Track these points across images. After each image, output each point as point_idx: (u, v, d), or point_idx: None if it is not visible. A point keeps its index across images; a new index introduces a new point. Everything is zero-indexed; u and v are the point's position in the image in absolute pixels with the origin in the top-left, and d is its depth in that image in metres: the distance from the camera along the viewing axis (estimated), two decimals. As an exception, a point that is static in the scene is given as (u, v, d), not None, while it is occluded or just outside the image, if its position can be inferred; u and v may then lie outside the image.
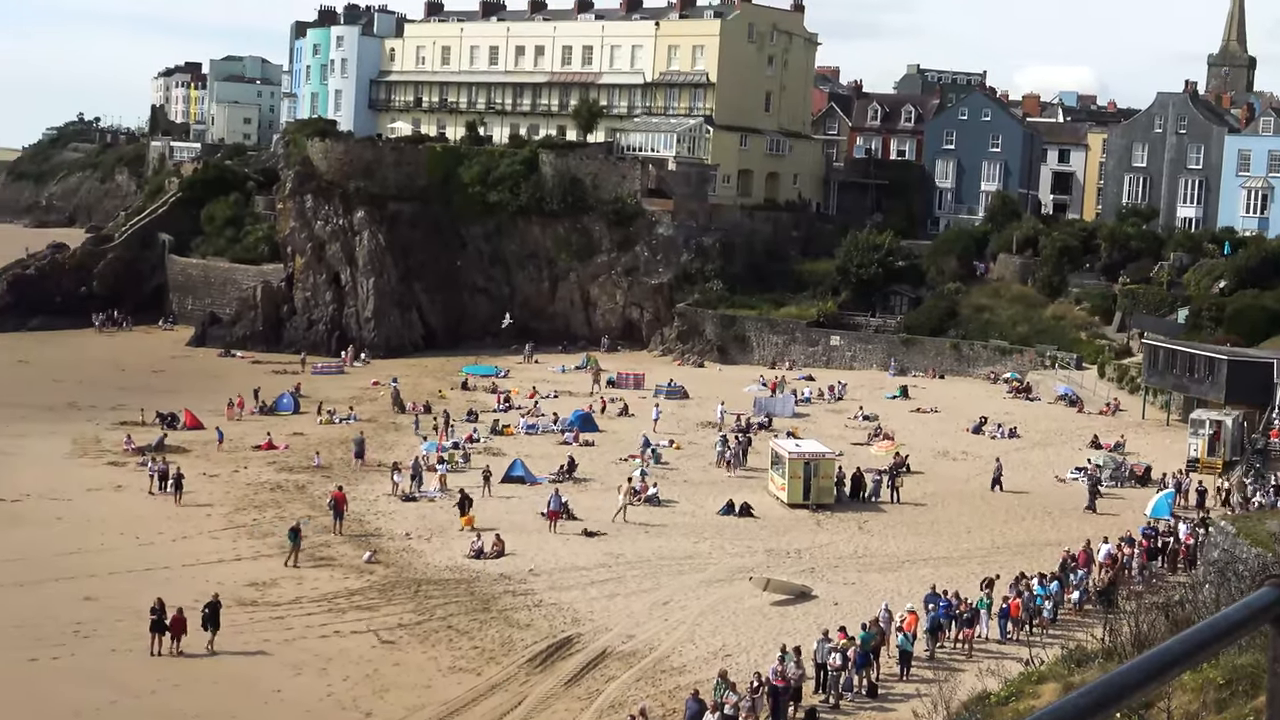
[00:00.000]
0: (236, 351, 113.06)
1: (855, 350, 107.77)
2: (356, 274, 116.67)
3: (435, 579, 52.22)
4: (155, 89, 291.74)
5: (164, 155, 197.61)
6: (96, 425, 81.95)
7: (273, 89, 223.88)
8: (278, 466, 71.77)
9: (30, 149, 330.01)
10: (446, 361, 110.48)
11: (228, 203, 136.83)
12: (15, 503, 62.84)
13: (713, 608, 48.87)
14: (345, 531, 57.99)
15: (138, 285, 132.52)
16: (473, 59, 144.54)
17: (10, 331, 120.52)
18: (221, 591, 48.91)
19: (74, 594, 49.47)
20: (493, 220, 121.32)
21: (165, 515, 61.21)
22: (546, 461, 72.85)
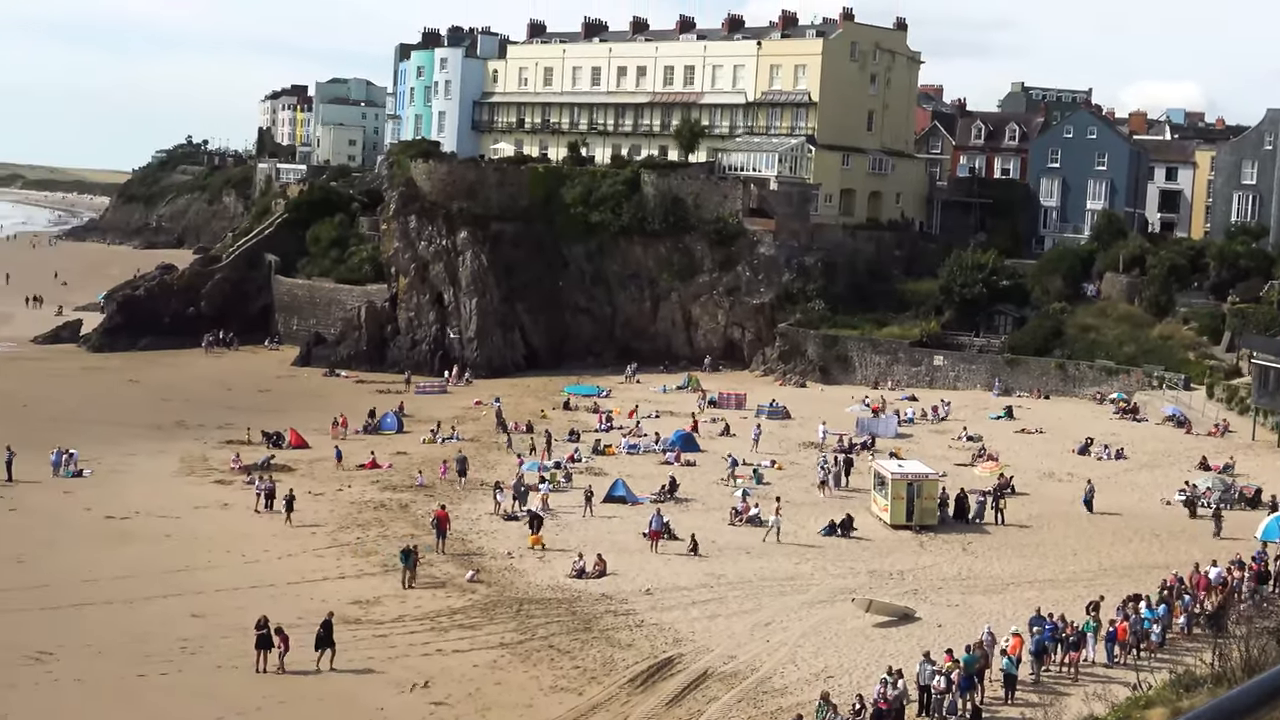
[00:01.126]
0: (341, 371, 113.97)
1: (959, 370, 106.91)
2: (459, 294, 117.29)
3: (537, 598, 52.30)
4: (262, 112, 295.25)
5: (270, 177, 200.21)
6: (204, 444, 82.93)
7: (377, 111, 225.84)
8: (381, 485, 72.23)
9: (140, 172, 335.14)
10: (548, 381, 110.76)
11: (333, 224, 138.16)
12: (125, 520, 63.70)
13: (815, 629, 48.58)
14: (448, 550, 58.21)
15: (244, 306, 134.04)
16: (575, 80, 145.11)
17: (120, 351, 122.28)
18: (324, 610, 49.30)
19: (181, 610, 50.04)
20: (595, 240, 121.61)
21: (271, 533, 61.79)
22: (648, 481, 72.84)
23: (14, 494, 68.31)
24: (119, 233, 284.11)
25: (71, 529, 62.20)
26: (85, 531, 61.82)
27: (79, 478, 72.35)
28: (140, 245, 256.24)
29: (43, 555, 57.34)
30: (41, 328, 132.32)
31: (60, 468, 72.95)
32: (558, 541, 60.46)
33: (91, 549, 58.68)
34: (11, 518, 64.09)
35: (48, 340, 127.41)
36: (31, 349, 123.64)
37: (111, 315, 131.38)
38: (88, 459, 75.04)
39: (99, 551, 58.26)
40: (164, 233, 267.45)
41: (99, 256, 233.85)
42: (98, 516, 64.28)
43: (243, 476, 72.44)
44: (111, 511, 65.01)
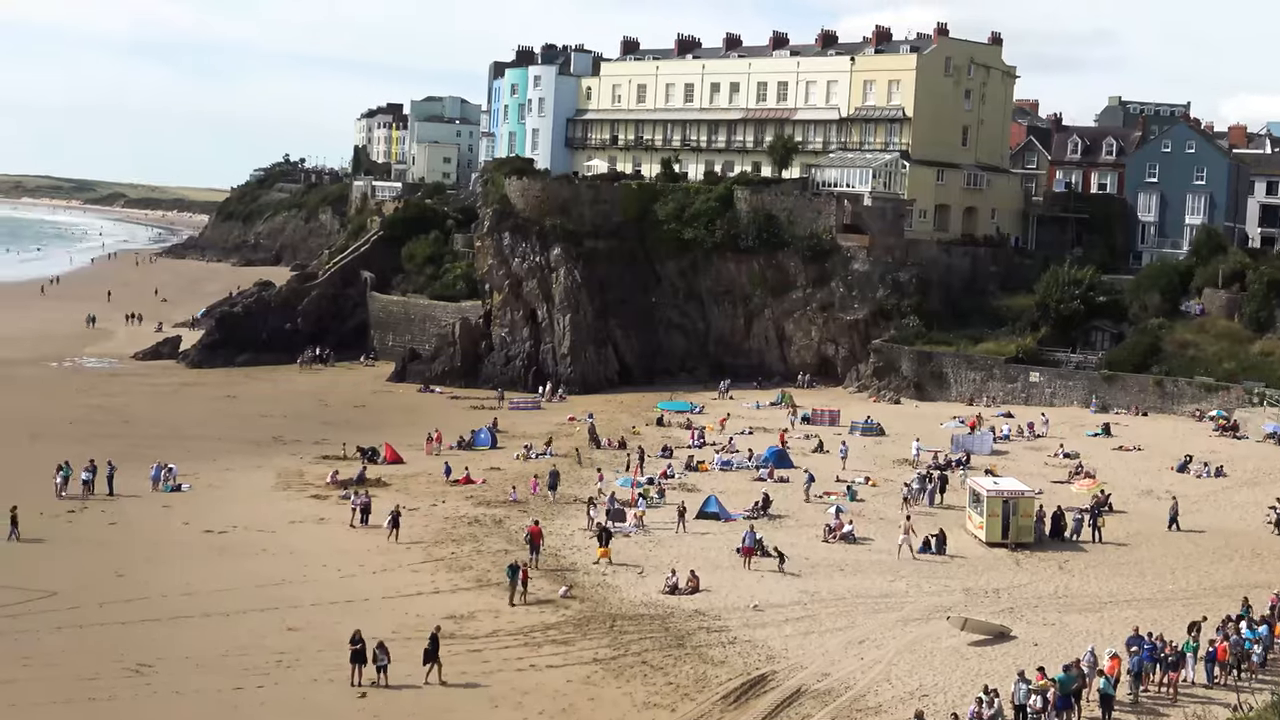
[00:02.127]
0: (435, 387, 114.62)
1: (1055, 387, 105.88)
2: (553, 310, 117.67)
3: (630, 614, 52.29)
4: (358, 130, 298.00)
5: (366, 194, 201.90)
6: (300, 459, 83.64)
7: (471, 128, 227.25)
8: (475, 501, 72.51)
9: (238, 190, 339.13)
10: (642, 397, 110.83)
11: (427, 241, 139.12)
12: (223, 534, 64.35)
13: (909, 647, 48.26)
14: (541, 566, 58.33)
15: (340, 322, 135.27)
16: (668, 96, 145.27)
17: (219, 367, 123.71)
18: (420, 625, 49.60)
19: (278, 624, 50.46)
20: (688, 257, 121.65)
21: (366, 547, 62.19)
22: (741, 498, 72.69)
23: (115, 508, 69.20)
24: (217, 250, 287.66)
25: (170, 543, 62.92)
26: (184, 545, 62.50)
27: (178, 492, 73.20)
28: (238, 262, 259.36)
29: (142, 569, 58.03)
30: (142, 344, 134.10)
31: (160, 482, 73.85)
32: (651, 558, 60.50)
33: (190, 563, 59.31)
34: (112, 531, 64.92)
35: (148, 356, 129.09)
36: (132, 365, 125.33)
37: (210, 331, 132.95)
38: (186, 473, 75.91)
39: (197, 565, 58.88)
40: (262, 250, 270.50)
41: (198, 273, 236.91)
42: (196, 530, 64.99)
43: (338, 491, 72.97)
44: (209, 526, 65.71)
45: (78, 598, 53.08)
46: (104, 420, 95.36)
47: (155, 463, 75.66)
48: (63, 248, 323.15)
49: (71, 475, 71.78)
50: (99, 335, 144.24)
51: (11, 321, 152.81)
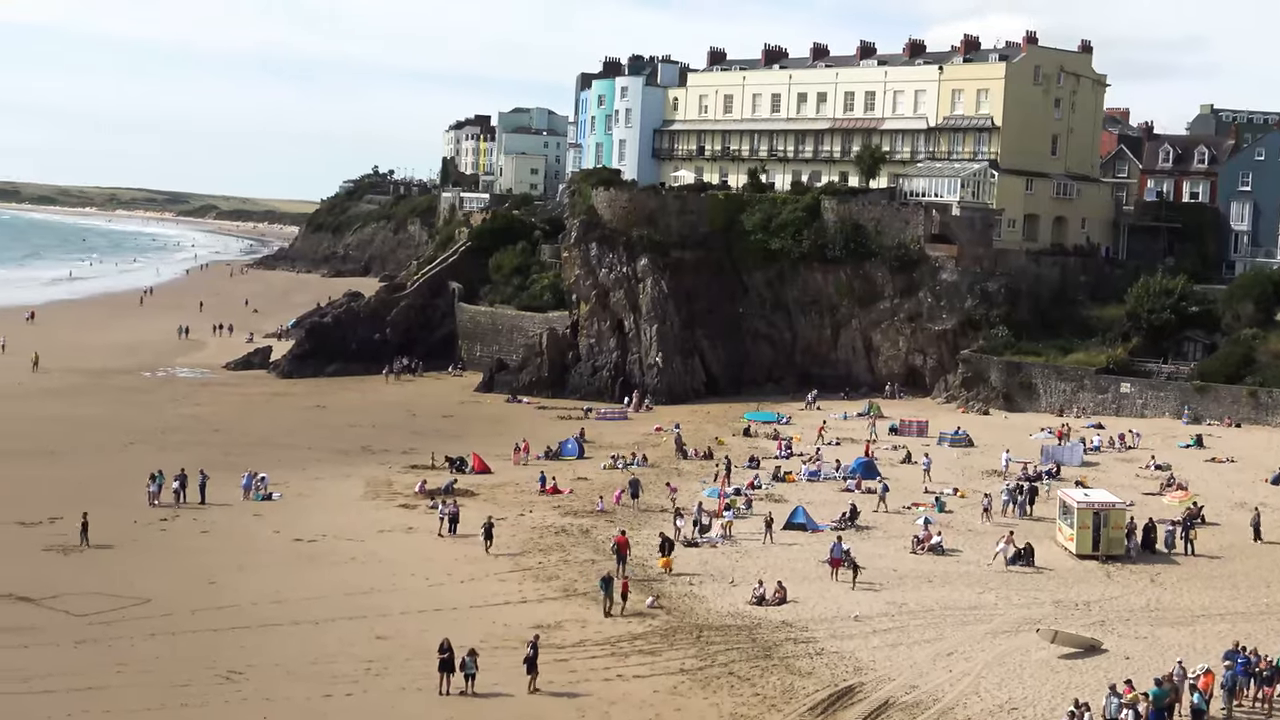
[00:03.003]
0: (522, 397, 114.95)
1: (1146, 398, 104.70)
2: (640, 321, 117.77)
3: (717, 625, 52.24)
4: (446, 142, 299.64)
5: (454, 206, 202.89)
6: (388, 468, 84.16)
7: (559, 140, 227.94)
8: (562, 511, 72.69)
9: (328, 201, 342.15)
10: (729, 408, 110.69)
11: (515, 251, 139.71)
12: (312, 543, 64.87)
13: (999, 659, 47.92)
14: (628, 576, 58.37)
15: (429, 332, 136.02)
16: (755, 107, 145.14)
17: (309, 377, 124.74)
18: (507, 634, 49.81)
19: (366, 633, 50.80)
20: (775, 267, 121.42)
21: (454, 557, 62.48)
22: (828, 509, 72.50)
23: (206, 516, 69.95)
24: (307, 261, 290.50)
25: (261, 551, 63.51)
26: (274, 554, 63.08)
27: (268, 501, 73.85)
28: (328, 273, 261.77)
29: (233, 576, 58.61)
30: (233, 354, 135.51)
31: (250, 491, 74.56)
32: (737, 569, 60.41)
33: (280, 571, 59.84)
34: (204, 539, 65.61)
35: (239, 366, 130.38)
36: (224, 375, 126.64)
37: (300, 342, 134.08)
38: (277, 482, 76.58)
39: (287, 573, 59.40)
40: (351, 261, 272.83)
41: (288, 284, 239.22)
42: (286, 539, 65.56)
43: (426, 501, 73.37)
44: (299, 534, 66.27)
45: (170, 605, 53.69)
46: (196, 429, 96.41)
47: (246, 472, 76.40)
48: (157, 259, 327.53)
49: (164, 483, 72.64)
50: (191, 345, 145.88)
51: (109, 331, 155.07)
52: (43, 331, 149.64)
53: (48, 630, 50.10)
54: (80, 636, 49.49)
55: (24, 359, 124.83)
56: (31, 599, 53.89)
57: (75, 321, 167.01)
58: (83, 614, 52.16)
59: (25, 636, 49.19)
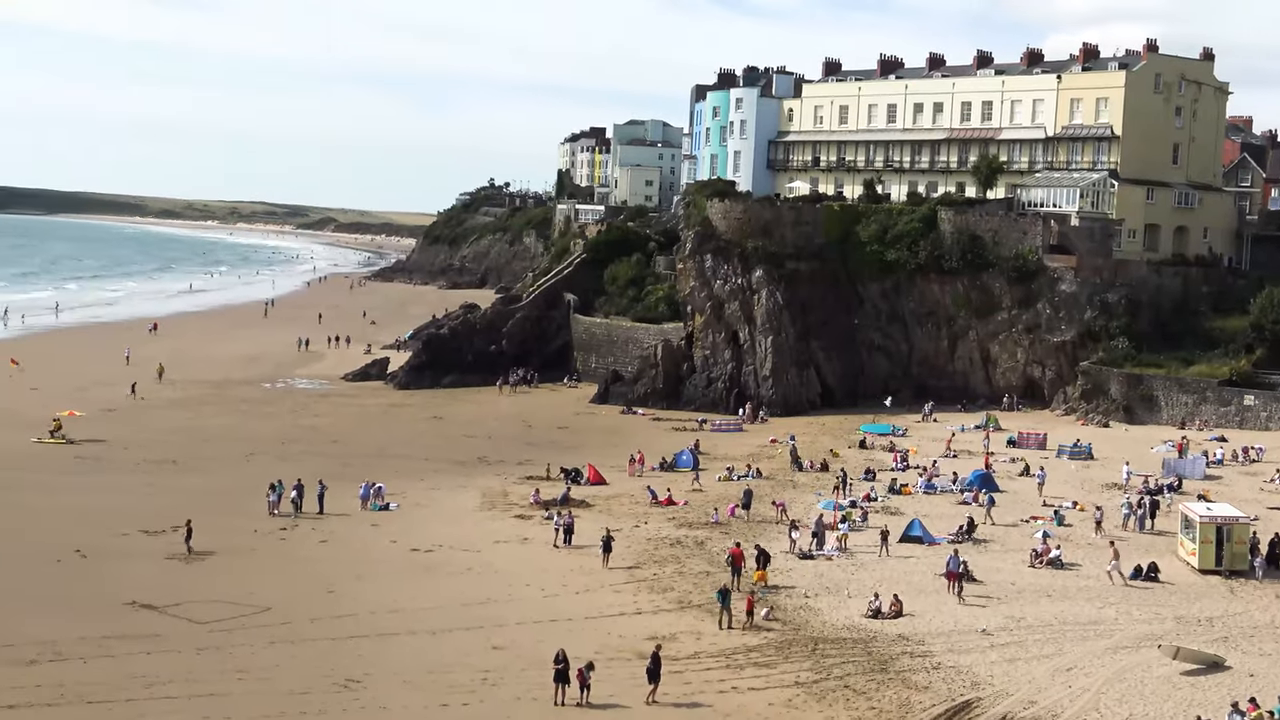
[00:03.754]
0: (637, 409, 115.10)
1: (1271, 410, 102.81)
2: (755, 332, 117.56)
3: (832, 638, 51.99)
4: (561, 154, 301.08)
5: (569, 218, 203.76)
6: (504, 479, 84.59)
7: (673, 151, 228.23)
8: (677, 522, 72.69)
9: (445, 214, 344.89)
10: (844, 420, 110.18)
11: (630, 263, 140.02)
12: (429, 553, 65.33)
13: (1119, 675, 47.27)
14: (743, 588, 58.22)
15: (544, 344, 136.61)
16: (870, 117, 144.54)
17: (425, 389, 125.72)
18: (621, 645, 49.86)
19: (482, 643, 51.06)
20: (890, 278, 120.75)
21: (569, 568, 62.66)
22: (945, 521, 71.94)
23: (325, 526, 70.69)
24: (424, 273, 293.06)
25: (378, 561, 64.07)
26: (391, 563, 63.61)
27: (385, 511, 74.50)
28: (445, 285, 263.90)
29: (351, 586, 59.17)
30: (351, 365, 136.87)
31: (368, 501, 75.25)
32: (853, 582, 60.11)
33: (397, 580, 60.32)
34: (322, 549, 66.31)
35: (357, 378, 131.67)
36: (342, 386, 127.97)
37: (417, 354, 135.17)
38: (394, 493, 77.23)
39: (404, 583, 59.86)
40: (467, 273, 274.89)
41: (405, 296, 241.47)
42: (403, 549, 66.09)
43: (542, 512, 73.64)
44: (416, 544, 66.77)
45: (289, 613, 54.31)
46: (315, 440, 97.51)
47: (363, 482, 77.13)
48: (277, 272, 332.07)
49: (283, 493, 73.52)
50: (310, 357, 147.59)
51: (230, 343, 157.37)
52: (165, 343, 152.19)
53: (170, 637, 50.84)
54: (202, 644, 50.17)
55: (148, 370, 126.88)
56: (155, 606, 54.73)
57: (197, 333, 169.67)
58: (204, 621, 52.89)
59: (149, 643, 49.95)
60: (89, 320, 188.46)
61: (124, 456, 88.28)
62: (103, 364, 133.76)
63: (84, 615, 53.16)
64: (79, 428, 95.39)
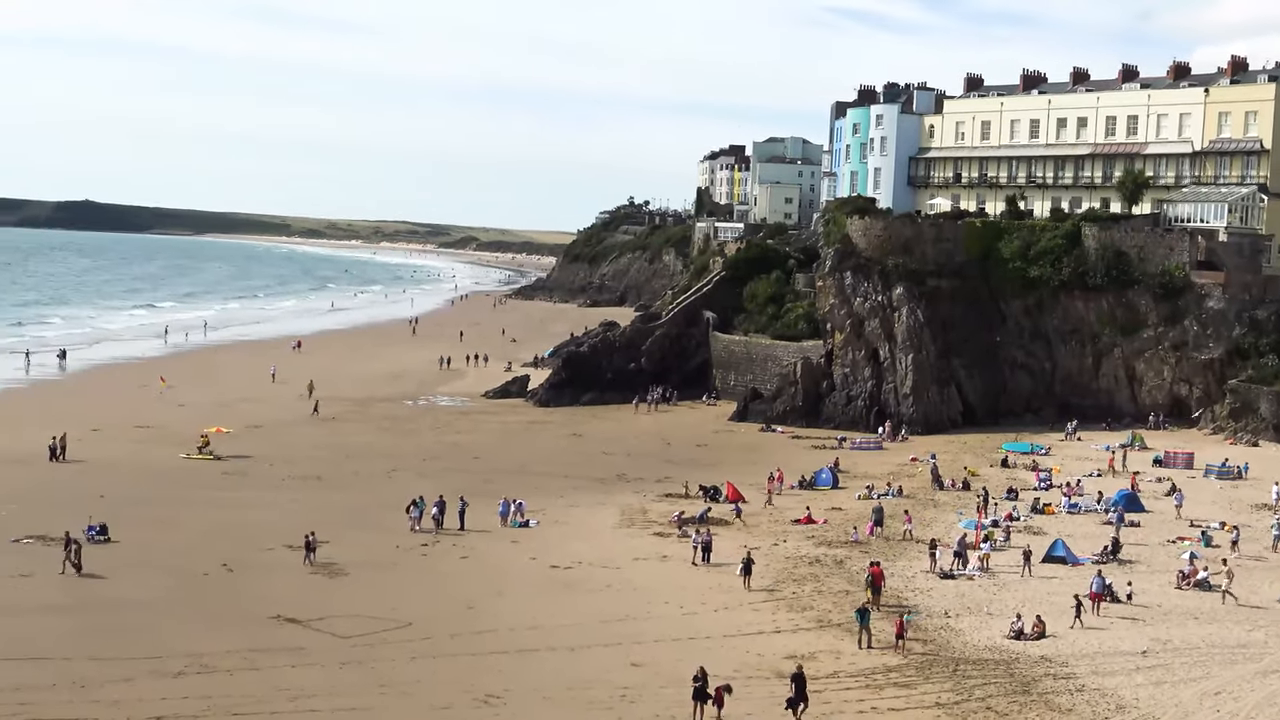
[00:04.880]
0: (776, 426, 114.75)
1: None
2: (895, 350, 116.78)
3: (974, 659, 51.44)
4: (701, 172, 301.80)
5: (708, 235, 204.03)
6: (643, 496, 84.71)
7: (813, 168, 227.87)
8: (816, 541, 72.38)
9: (584, 232, 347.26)
10: (986, 438, 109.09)
11: (769, 281, 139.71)
12: (568, 570, 65.58)
13: (1269, 700, 46.27)
14: (883, 607, 57.82)
15: (683, 361, 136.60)
16: (1013, 133, 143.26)
17: (565, 406, 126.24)
18: (760, 664, 49.71)
19: (622, 659, 51.15)
20: (1033, 295, 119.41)
21: (708, 585, 62.59)
22: (1089, 542, 70.97)
23: (466, 542, 71.23)
24: (564, 291, 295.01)
25: (518, 577, 64.42)
26: (531, 580, 63.93)
27: (525, 528, 74.91)
28: (584, 303, 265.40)
29: (491, 601, 59.57)
30: (492, 383, 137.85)
31: (508, 518, 75.70)
32: (995, 602, 59.47)
33: (536, 597, 60.63)
34: (463, 565, 66.82)
35: (497, 395, 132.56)
36: (483, 403, 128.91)
37: (557, 371, 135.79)
38: (533, 510, 77.62)
39: (544, 599, 60.15)
40: (607, 290, 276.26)
41: (545, 314, 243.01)
42: (542, 565, 66.40)
43: (680, 529, 73.57)
44: (555, 561, 67.06)
45: (431, 628, 54.78)
46: (456, 456, 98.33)
47: (503, 498, 77.62)
48: (419, 290, 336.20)
49: (425, 510, 74.20)
50: (451, 375, 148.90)
51: (373, 361, 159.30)
52: (309, 361, 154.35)
53: (314, 651, 51.50)
54: (345, 658, 50.76)
55: (293, 387, 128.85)
56: (299, 620, 55.48)
57: (341, 351, 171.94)
58: (347, 636, 53.51)
59: (293, 657, 50.64)
60: (236, 338, 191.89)
61: (269, 472, 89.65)
62: (249, 381, 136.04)
63: (230, 628, 54.03)
64: (226, 444, 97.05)
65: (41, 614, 55.53)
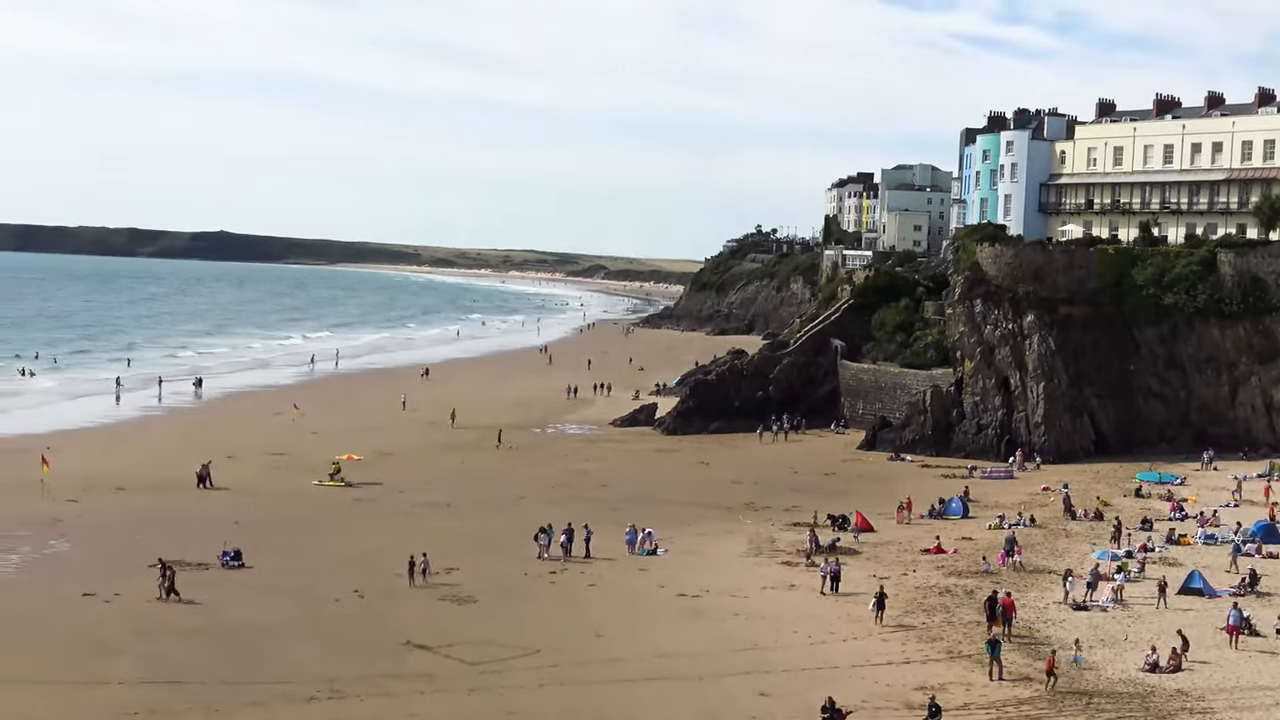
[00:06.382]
0: (905, 455, 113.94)
1: None
2: (1026, 378, 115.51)
3: (1107, 691, 50.67)
4: (829, 200, 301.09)
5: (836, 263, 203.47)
6: (771, 525, 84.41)
7: (942, 195, 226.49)
8: (946, 571, 71.72)
9: (712, 261, 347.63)
10: (1119, 467, 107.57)
11: (898, 309, 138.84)
12: (696, 598, 65.47)
13: None
14: (1013, 638, 57.12)
15: (811, 390, 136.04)
16: (1146, 158, 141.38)
17: (693, 434, 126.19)
18: (889, 694, 49.29)
19: (749, 689, 50.95)
20: (1167, 322, 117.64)
21: (836, 615, 62.21)
22: (1226, 574, 69.67)
23: (593, 570, 71.35)
24: (692, 319, 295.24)
25: (646, 605, 64.42)
26: (658, 608, 63.90)
27: (653, 556, 74.89)
28: (712, 331, 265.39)
29: (619, 630, 59.61)
30: (619, 411, 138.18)
31: (635, 546, 75.74)
32: (1130, 634, 58.54)
33: (664, 625, 60.58)
34: (590, 593, 66.94)
35: (625, 423, 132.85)
36: (611, 431, 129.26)
37: (684, 399, 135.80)
38: (661, 538, 77.55)
39: (671, 628, 60.09)
40: (734, 319, 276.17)
41: (673, 342, 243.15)
42: (670, 594, 66.33)
43: (804, 560, 73.19)
44: (683, 589, 66.97)
45: (558, 656, 54.92)
46: (584, 485, 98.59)
47: (630, 526, 77.66)
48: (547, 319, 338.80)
49: (553, 537, 74.45)
50: (580, 403, 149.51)
51: (502, 388, 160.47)
52: (438, 389, 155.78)
53: (443, 677, 51.82)
54: (473, 684, 51.03)
55: (423, 415, 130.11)
56: (429, 647, 55.86)
57: (468, 379, 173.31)
58: (476, 662, 53.79)
59: (423, 683, 50.98)
60: (366, 367, 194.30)
61: (399, 499, 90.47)
62: (379, 409, 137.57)
63: (361, 654, 54.55)
64: (357, 471, 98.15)
65: (177, 638, 56.43)
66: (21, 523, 77.68)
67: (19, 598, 62.06)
